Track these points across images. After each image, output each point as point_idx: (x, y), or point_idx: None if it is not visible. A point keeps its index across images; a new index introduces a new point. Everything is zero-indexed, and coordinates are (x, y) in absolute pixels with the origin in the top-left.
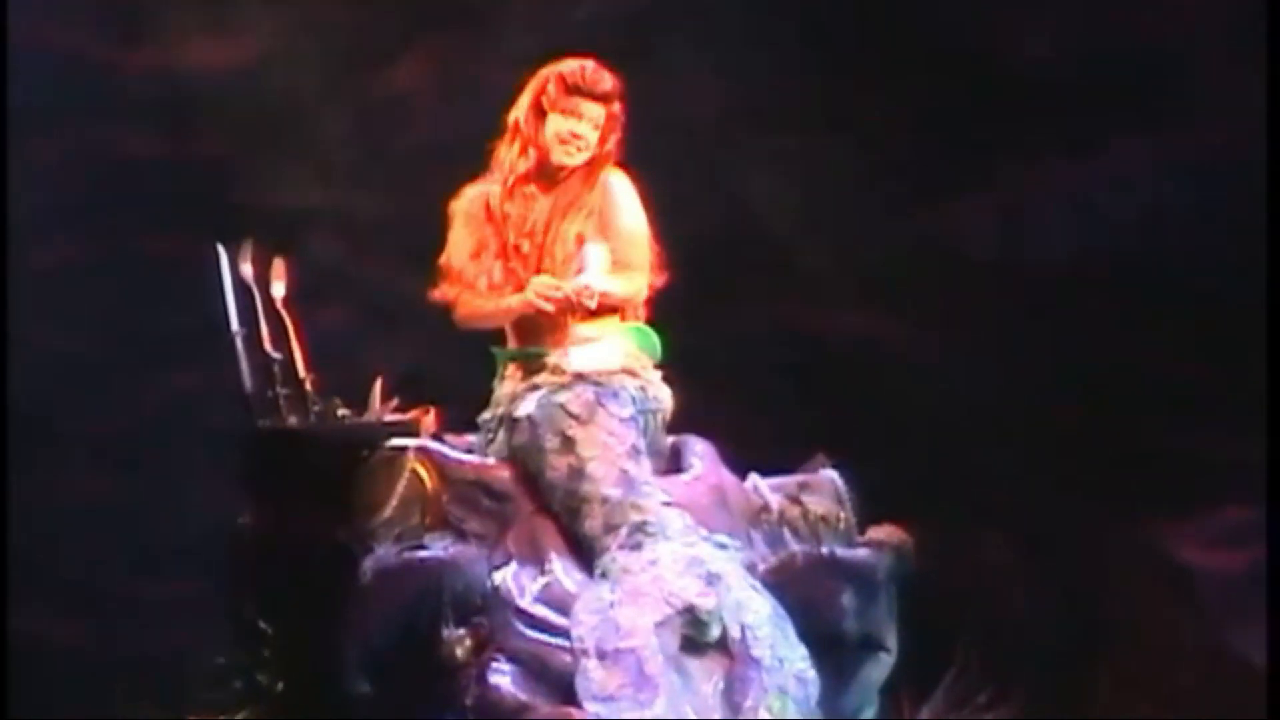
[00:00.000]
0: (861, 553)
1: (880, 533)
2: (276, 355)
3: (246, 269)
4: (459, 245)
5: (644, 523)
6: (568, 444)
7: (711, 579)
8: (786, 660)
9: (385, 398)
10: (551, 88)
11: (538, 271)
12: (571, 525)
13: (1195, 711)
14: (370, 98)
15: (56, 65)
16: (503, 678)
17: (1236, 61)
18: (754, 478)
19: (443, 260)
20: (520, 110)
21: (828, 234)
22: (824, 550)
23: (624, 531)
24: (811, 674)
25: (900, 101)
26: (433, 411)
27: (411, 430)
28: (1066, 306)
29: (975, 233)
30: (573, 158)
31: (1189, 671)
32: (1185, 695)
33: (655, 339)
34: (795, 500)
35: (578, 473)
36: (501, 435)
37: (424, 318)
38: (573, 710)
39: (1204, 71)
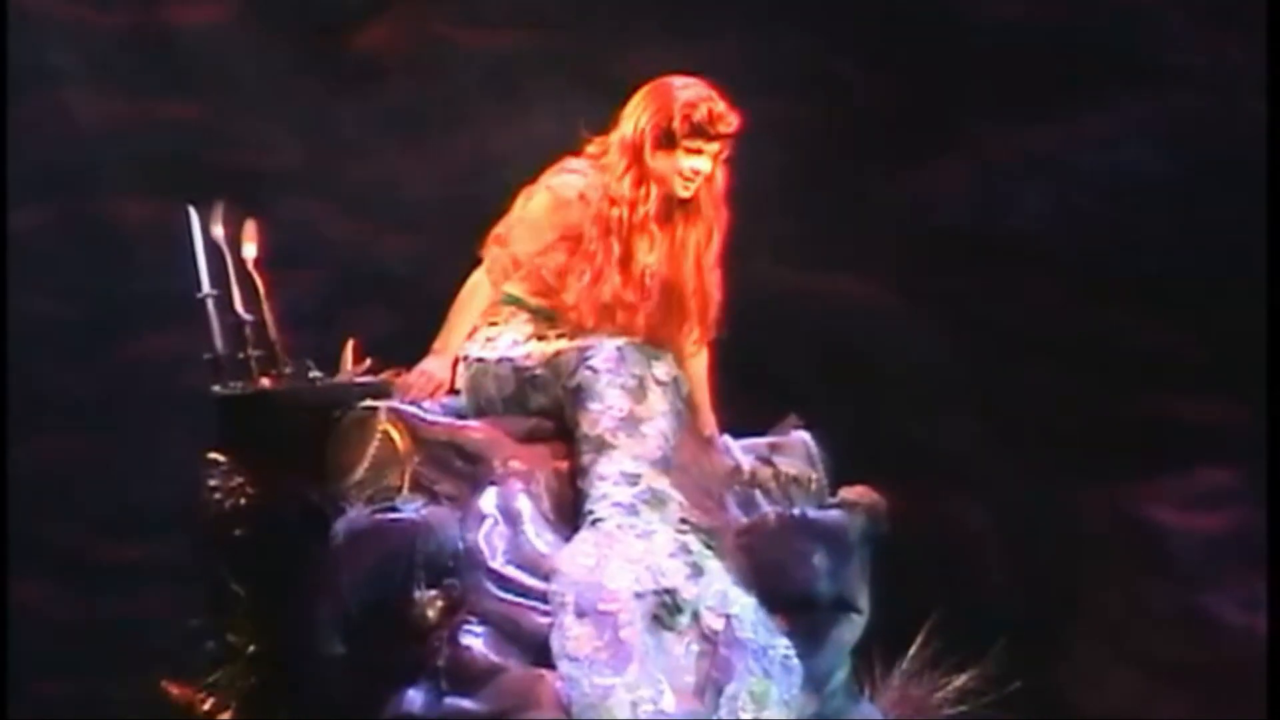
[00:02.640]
0: (833, 513)
1: (852, 493)
2: (248, 317)
3: (218, 230)
4: (538, 233)
5: (656, 491)
6: (641, 393)
7: (696, 571)
8: (771, 648)
9: (357, 360)
10: (678, 124)
11: (662, 312)
12: (590, 458)
13: (1169, 674)
14: (345, 58)
15: (29, 27)
16: (474, 639)
17: (1216, 24)
18: (725, 439)
19: (503, 231)
20: (640, 140)
21: (801, 194)
22: (796, 511)
23: (633, 491)
24: (796, 662)
25: (875, 63)
26: (405, 374)
27: (383, 392)
28: (1040, 269)
29: (949, 196)
30: (690, 192)
31: (1162, 634)
32: (1159, 658)
33: None
34: (767, 461)
35: (635, 419)
36: (521, 378)
37: (397, 281)
38: (545, 672)
39: (1182, 33)
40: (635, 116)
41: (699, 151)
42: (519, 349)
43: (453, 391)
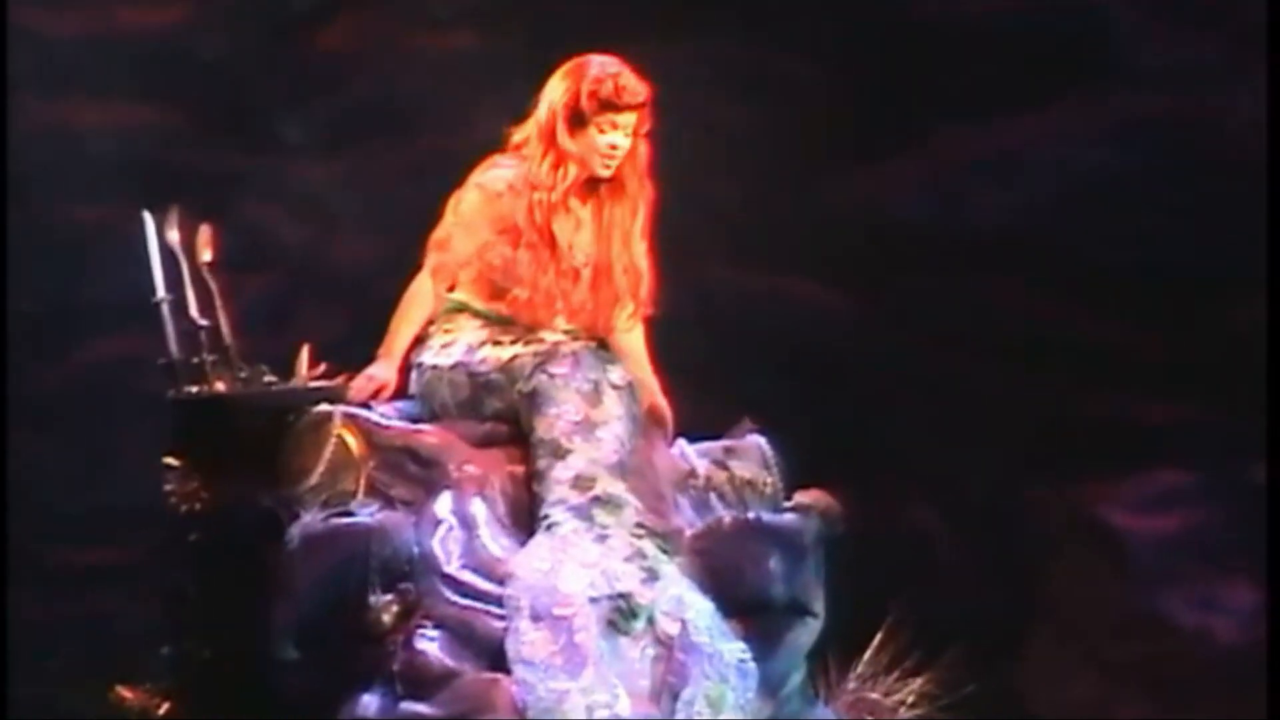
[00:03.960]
0: (788, 517)
1: (807, 497)
2: (203, 322)
3: (173, 235)
4: (471, 222)
5: (609, 495)
6: (596, 397)
7: (651, 576)
8: (727, 651)
9: (312, 364)
10: (585, 102)
11: (594, 291)
12: (545, 462)
13: (1125, 675)
14: (300, 61)
15: None
16: (430, 644)
17: (1178, 22)
18: (680, 443)
19: (441, 235)
20: (552, 122)
21: (755, 196)
22: (750, 515)
23: (588, 495)
24: (751, 666)
25: (832, 62)
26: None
27: (338, 396)
28: (996, 269)
29: (905, 196)
30: (610, 169)
31: (1118, 635)
32: (1114, 659)
33: None
34: (722, 465)
35: (590, 424)
36: (476, 382)
37: (353, 284)
38: (500, 676)
39: (1145, 31)
40: (547, 98)
41: (614, 126)
42: (473, 354)
43: (397, 395)
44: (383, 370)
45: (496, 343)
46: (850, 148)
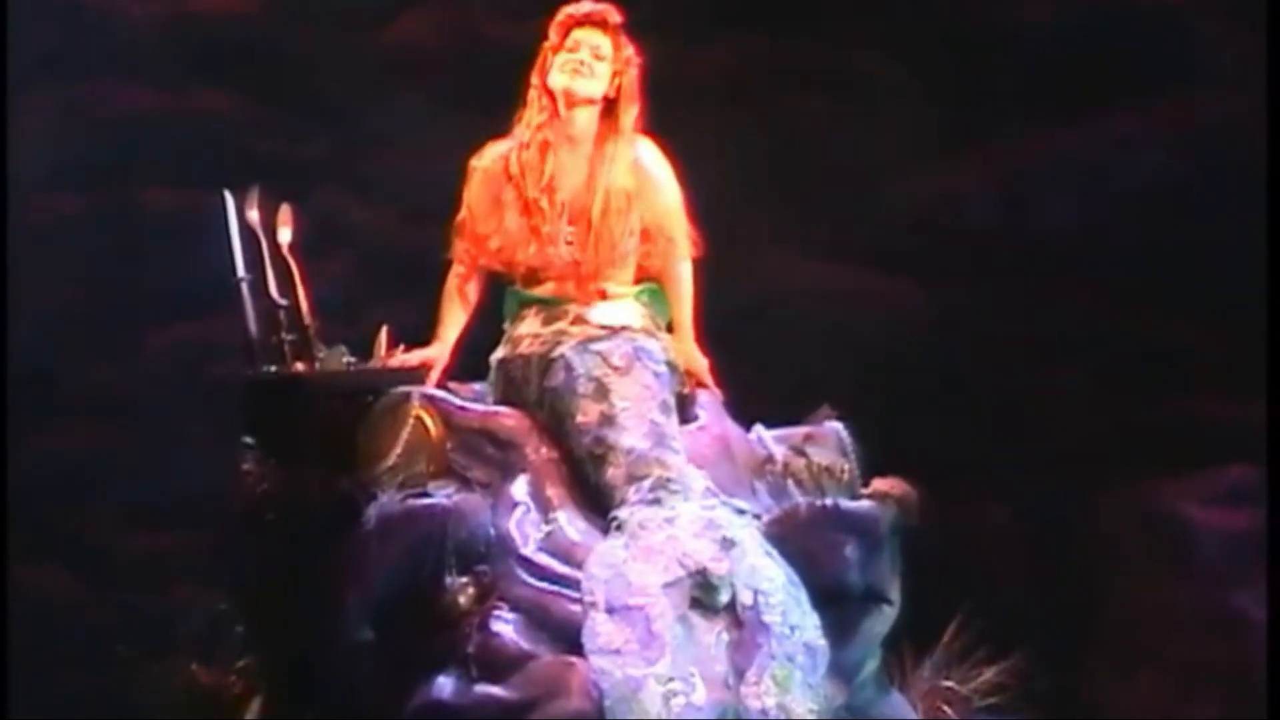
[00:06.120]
0: (865, 504)
1: (884, 484)
2: (282, 301)
3: (253, 215)
4: (476, 204)
5: (666, 479)
6: (602, 391)
7: (726, 544)
8: (798, 628)
9: (390, 346)
10: (552, 34)
11: (583, 245)
12: (594, 473)
13: (1194, 668)
14: (376, 50)
15: (60, 15)
16: (505, 626)
17: (1238, 28)
18: (758, 429)
19: (459, 218)
20: (536, 72)
21: (833, 193)
22: (827, 502)
23: (646, 485)
24: (822, 643)
25: (906, 64)
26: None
27: (417, 378)
28: (1066, 270)
29: (977, 197)
30: (584, 83)
31: (1187, 630)
32: (1183, 653)
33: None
34: (799, 451)
35: (609, 420)
36: (520, 375)
37: (431, 268)
38: (576, 659)
39: (1205, 37)
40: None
41: (576, 46)
42: (516, 349)
43: (446, 374)
44: (432, 349)
45: (536, 336)
46: (925, 147)
